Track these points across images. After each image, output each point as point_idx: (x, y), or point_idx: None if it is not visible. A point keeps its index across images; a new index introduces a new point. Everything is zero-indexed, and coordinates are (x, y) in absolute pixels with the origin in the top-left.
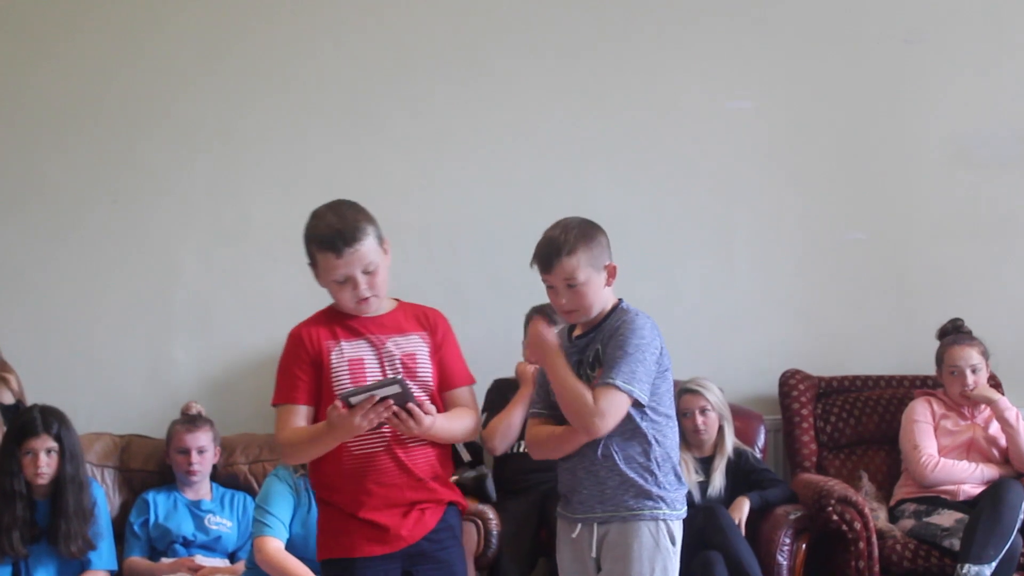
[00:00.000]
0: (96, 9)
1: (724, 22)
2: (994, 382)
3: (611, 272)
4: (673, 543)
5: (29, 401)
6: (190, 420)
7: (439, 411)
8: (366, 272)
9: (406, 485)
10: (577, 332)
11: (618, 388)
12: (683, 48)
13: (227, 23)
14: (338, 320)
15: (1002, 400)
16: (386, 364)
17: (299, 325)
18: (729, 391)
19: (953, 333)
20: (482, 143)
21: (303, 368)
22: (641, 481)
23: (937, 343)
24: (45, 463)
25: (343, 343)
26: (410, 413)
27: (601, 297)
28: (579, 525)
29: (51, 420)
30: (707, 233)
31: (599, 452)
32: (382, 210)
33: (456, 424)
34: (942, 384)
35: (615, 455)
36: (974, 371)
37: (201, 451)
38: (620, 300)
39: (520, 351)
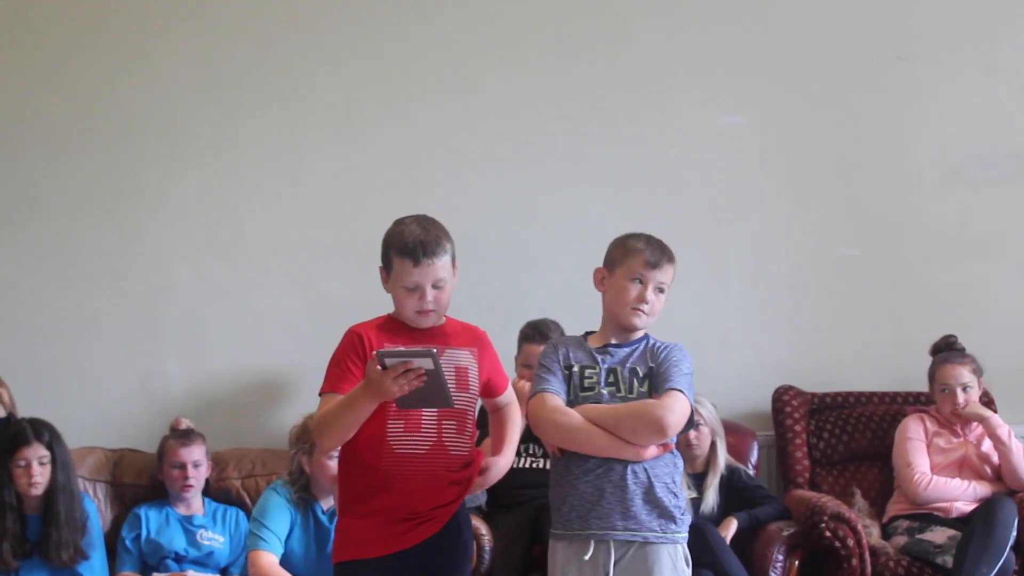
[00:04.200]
0: (92, 26)
1: (718, 38)
2: (987, 399)
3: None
4: (688, 565)
5: (21, 415)
6: (183, 435)
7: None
8: (435, 287)
9: (434, 490)
10: (597, 343)
11: (681, 392)
12: (677, 63)
13: (222, 40)
14: (396, 329)
15: (994, 417)
16: (423, 348)
17: (358, 325)
18: (722, 407)
19: (946, 350)
20: (475, 159)
21: (356, 364)
22: (667, 501)
23: (930, 360)
24: (38, 472)
25: (401, 348)
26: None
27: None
28: (592, 543)
29: (42, 430)
30: (700, 248)
31: (630, 466)
32: (375, 227)
33: (513, 442)
34: (935, 401)
35: (647, 470)
36: (965, 389)
37: (196, 465)
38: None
39: (513, 368)
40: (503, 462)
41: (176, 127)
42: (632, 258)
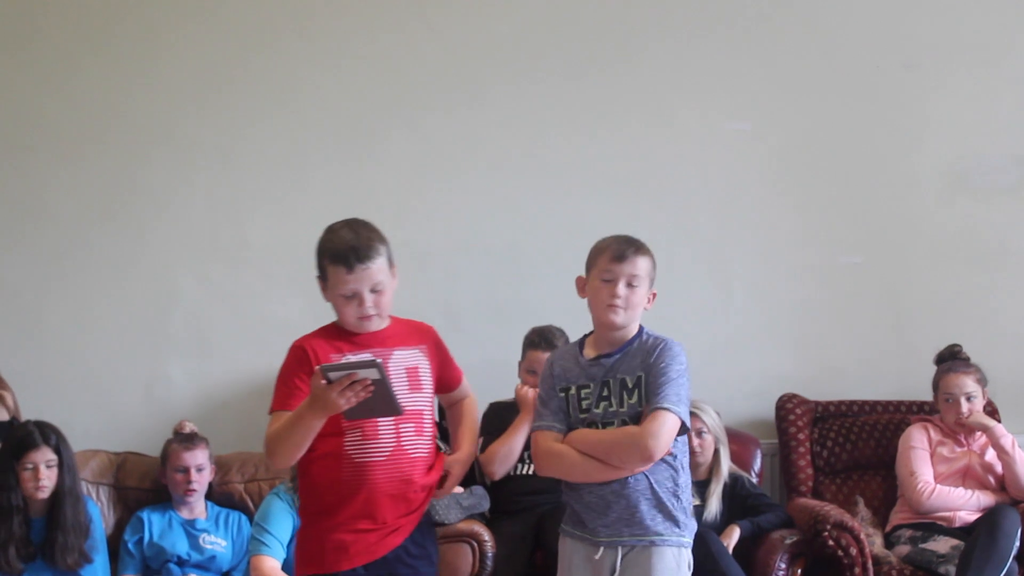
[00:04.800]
0: (97, 33)
1: (722, 45)
2: (991, 408)
3: (652, 297)
4: (690, 569)
5: (25, 418)
6: (187, 439)
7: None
8: (373, 291)
9: (400, 495)
10: (591, 353)
11: (669, 411)
12: (682, 72)
13: (227, 46)
14: (341, 336)
15: (998, 427)
16: (392, 377)
17: (302, 338)
18: (725, 415)
19: (950, 359)
20: (480, 166)
21: (303, 380)
22: (670, 506)
23: (934, 368)
24: (46, 476)
25: (349, 356)
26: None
27: (639, 314)
28: (602, 548)
29: (49, 433)
30: (704, 255)
31: (630, 476)
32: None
33: (470, 435)
34: (939, 410)
35: (648, 477)
36: (969, 399)
37: (199, 469)
38: (641, 326)
39: (517, 374)
40: (464, 458)
41: (181, 133)
42: (600, 257)
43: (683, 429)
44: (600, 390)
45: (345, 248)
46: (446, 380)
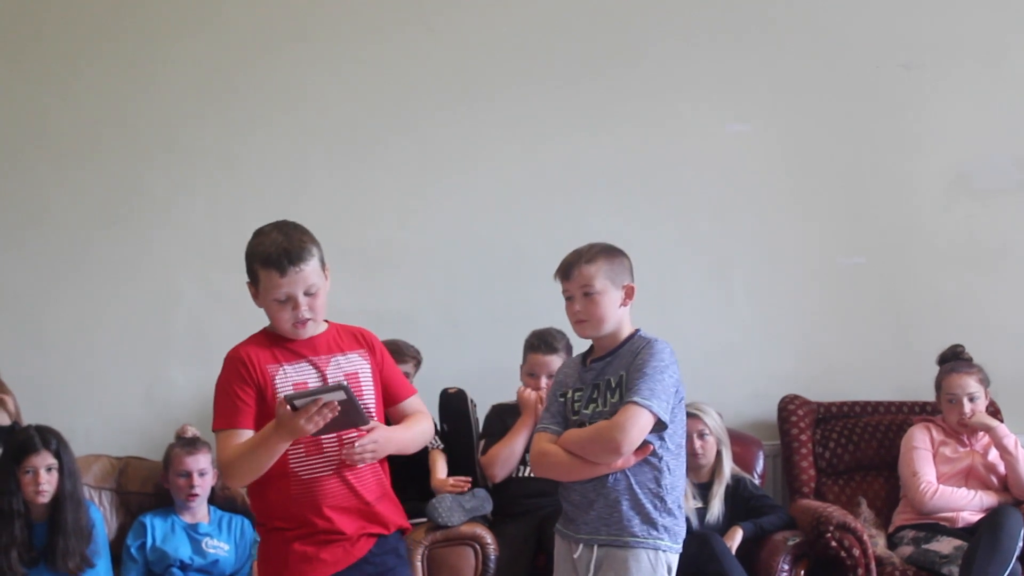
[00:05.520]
0: (98, 39)
1: (723, 47)
2: (993, 409)
3: (628, 292)
4: (670, 573)
5: (26, 423)
6: (189, 443)
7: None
8: (308, 294)
9: (355, 508)
10: (593, 355)
11: (637, 404)
12: (682, 73)
13: (229, 53)
14: (277, 343)
15: (1000, 427)
16: (331, 384)
17: (237, 347)
18: (727, 416)
19: (953, 360)
20: (480, 170)
21: (246, 392)
22: (650, 507)
23: (936, 369)
24: (46, 480)
25: (285, 366)
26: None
27: (615, 314)
28: (581, 545)
29: (49, 438)
30: (706, 257)
31: (611, 474)
32: (380, 237)
33: (413, 430)
34: (941, 411)
35: (629, 477)
36: (972, 399)
37: (202, 474)
38: (638, 329)
39: (518, 376)
40: (386, 431)
41: (182, 139)
42: (558, 278)
43: (660, 425)
44: (591, 392)
45: (277, 251)
46: (392, 390)
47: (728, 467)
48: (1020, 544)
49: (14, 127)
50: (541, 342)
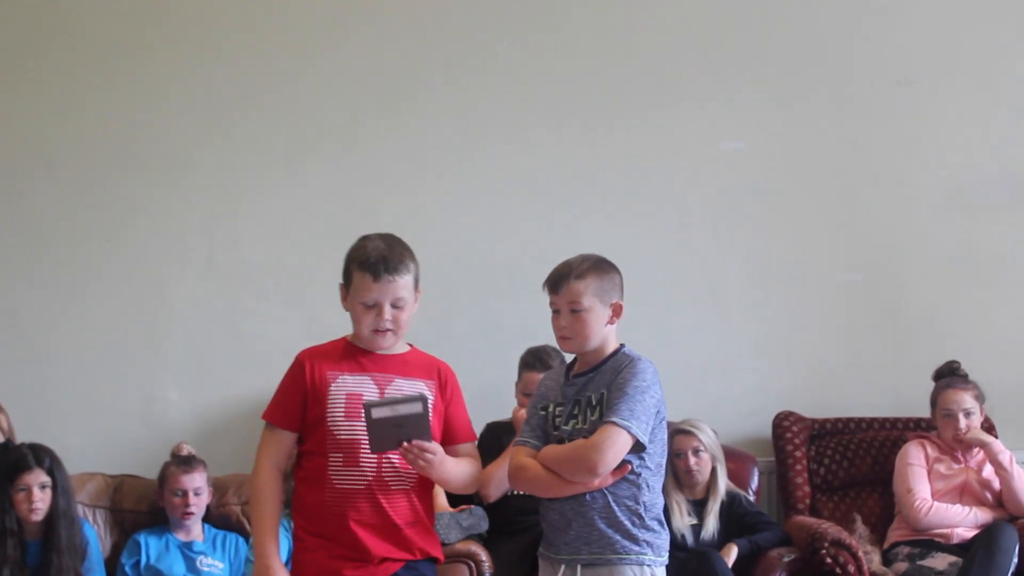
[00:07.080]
0: (88, 50)
1: (717, 64)
2: (988, 424)
3: (616, 311)
4: None
5: (20, 441)
6: (184, 461)
7: None
8: (394, 306)
9: (381, 528)
10: (576, 370)
11: (616, 424)
12: (677, 90)
13: (224, 69)
14: (350, 353)
15: (995, 443)
16: (410, 394)
17: (309, 350)
18: (722, 433)
19: (948, 375)
20: (475, 187)
21: (293, 395)
22: (629, 524)
23: (930, 385)
24: (39, 498)
25: (347, 376)
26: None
27: (601, 332)
28: (563, 566)
29: (42, 455)
30: (700, 273)
31: (588, 492)
32: None
33: (464, 468)
34: (936, 427)
35: (606, 495)
36: (967, 415)
37: (197, 492)
38: (622, 345)
39: (514, 395)
40: (447, 460)
41: (177, 155)
42: (546, 289)
43: (638, 446)
44: (572, 408)
45: (376, 257)
46: (452, 429)
47: (723, 484)
48: (1015, 560)
49: (10, 145)
50: (536, 360)
